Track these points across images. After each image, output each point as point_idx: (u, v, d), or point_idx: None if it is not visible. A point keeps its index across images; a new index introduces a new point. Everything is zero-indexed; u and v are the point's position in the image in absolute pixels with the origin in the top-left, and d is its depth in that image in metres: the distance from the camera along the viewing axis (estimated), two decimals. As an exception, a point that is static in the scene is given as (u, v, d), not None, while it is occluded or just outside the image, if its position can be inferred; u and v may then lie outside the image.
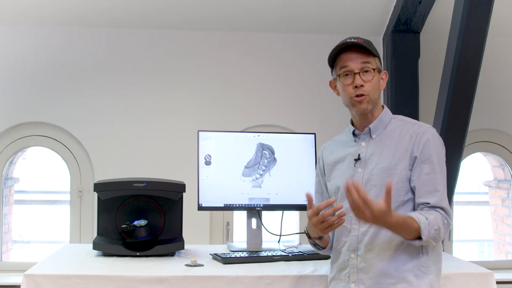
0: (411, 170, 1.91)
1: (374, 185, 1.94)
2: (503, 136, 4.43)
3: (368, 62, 1.96)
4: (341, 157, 2.07)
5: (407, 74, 4.18)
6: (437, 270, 1.95)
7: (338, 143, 2.13)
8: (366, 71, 1.96)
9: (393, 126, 2.00)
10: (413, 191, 1.92)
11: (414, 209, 1.92)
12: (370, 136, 2.01)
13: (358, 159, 2.00)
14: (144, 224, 2.55)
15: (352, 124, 2.08)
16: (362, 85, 1.95)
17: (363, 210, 1.74)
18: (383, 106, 2.06)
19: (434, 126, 3.45)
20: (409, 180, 1.92)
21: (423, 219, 1.83)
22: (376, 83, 1.97)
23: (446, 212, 1.87)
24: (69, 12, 3.96)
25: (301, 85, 4.27)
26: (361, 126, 2.04)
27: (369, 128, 2.01)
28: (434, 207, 1.87)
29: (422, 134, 1.93)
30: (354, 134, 2.06)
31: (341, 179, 2.03)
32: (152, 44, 4.18)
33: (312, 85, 4.27)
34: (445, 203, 1.88)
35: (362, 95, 1.95)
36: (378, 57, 2.00)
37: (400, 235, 1.85)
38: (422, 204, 1.89)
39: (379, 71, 2.00)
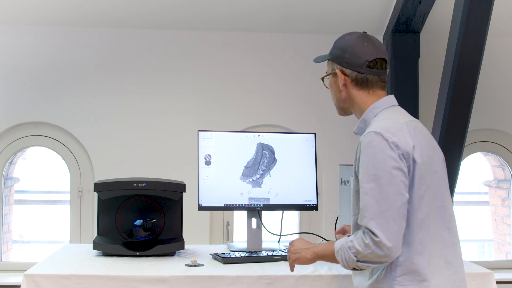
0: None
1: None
2: (503, 136, 4.43)
3: (326, 71, 1.96)
4: None
5: (407, 74, 4.18)
6: None
7: None
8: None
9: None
10: None
11: None
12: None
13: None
14: (140, 224, 2.56)
15: None
16: None
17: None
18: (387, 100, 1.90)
19: (434, 126, 3.46)
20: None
21: (338, 244, 1.75)
22: (330, 87, 1.95)
23: (369, 230, 1.66)
24: (69, 12, 3.96)
25: (301, 85, 4.27)
26: None
27: (354, 132, 1.94)
28: (361, 226, 1.72)
29: (359, 144, 1.77)
30: None
31: None
32: (152, 44, 4.18)
33: (312, 85, 4.25)
34: (365, 221, 1.67)
35: None
36: (332, 58, 1.92)
37: (333, 262, 1.83)
38: None
39: (334, 73, 1.91)
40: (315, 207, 2.79)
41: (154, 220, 2.58)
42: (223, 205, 2.73)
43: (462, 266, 1.81)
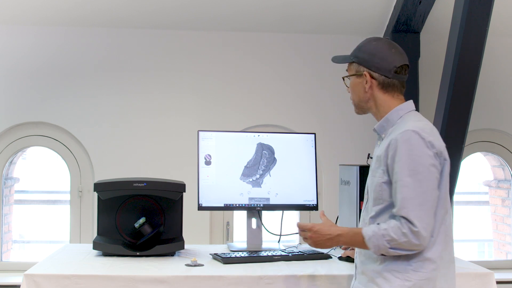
0: (389, 175, 1.89)
1: (369, 185, 1.99)
2: (503, 136, 4.43)
3: (346, 70, 2.05)
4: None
5: (407, 74, 4.17)
6: (419, 280, 1.84)
7: None
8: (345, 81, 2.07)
9: (396, 126, 1.97)
10: None
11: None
12: (380, 135, 2.02)
13: (369, 158, 2.06)
14: (144, 221, 2.56)
15: None
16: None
17: (304, 235, 1.98)
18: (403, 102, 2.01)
19: (434, 126, 3.45)
20: (389, 185, 1.89)
21: (369, 231, 1.86)
22: (353, 87, 2.03)
23: (408, 220, 1.79)
24: (69, 12, 3.96)
25: (301, 85, 4.27)
26: None
27: (374, 129, 2.03)
28: (396, 215, 1.83)
29: (395, 140, 1.87)
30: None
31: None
32: (152, 44, 4.18)
33: (312, 85, 4.27)
34: (405, 211, 1.80)
35: None
36: (359, 61, 2.01)
37: (360, 248, 1.94)
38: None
39: (359, 75, 2.00)
40: (315, 207, 2.79)
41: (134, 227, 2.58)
42: (223, 205, 2.73)
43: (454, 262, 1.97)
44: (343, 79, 2.08)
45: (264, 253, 2.51)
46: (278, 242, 2.81)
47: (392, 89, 1.99)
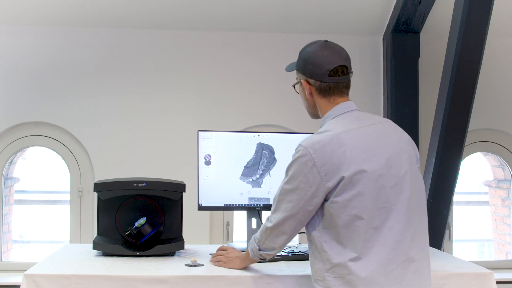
0: None
1: None
2: (503, 136, 4.43)
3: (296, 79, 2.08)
4: None
5: (407, 74, 4.18)
6: (339, 284, 1.82)
7: None
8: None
9: None
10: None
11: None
12: None
13: None
14: (144, 221, 2.55)
15: None
16: None
17: (220, 253, 2.33)
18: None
19: (434, 126, 3.46)
20: None
21: (252, 237, 2.08)
22: (301, 94, 2.09)
23: (268, 218, 1.98)
24: (69, 12, 3.97)
25: (301, 85, 4.27)
26: None
27: None
28: None
29: None
30: None
31: None
32: (152, 44, 4.18)
33: (312, 85, 4.27)
34: (270, 211, 1.98)
35: None
36: (297, 69, 2.06)
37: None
38: None
39: (301, 83, 2.06)
40: (315, 207, 2.78)
41: (131, 227, 2.57)
42: (223, 205, 2.72)
43: (410, 262, 1.83)
44: (294, 87, 2.11)
45: (264, 253, 2.50)
46: (278, 242, 2.80)
47: (329, 93, 1.98)
